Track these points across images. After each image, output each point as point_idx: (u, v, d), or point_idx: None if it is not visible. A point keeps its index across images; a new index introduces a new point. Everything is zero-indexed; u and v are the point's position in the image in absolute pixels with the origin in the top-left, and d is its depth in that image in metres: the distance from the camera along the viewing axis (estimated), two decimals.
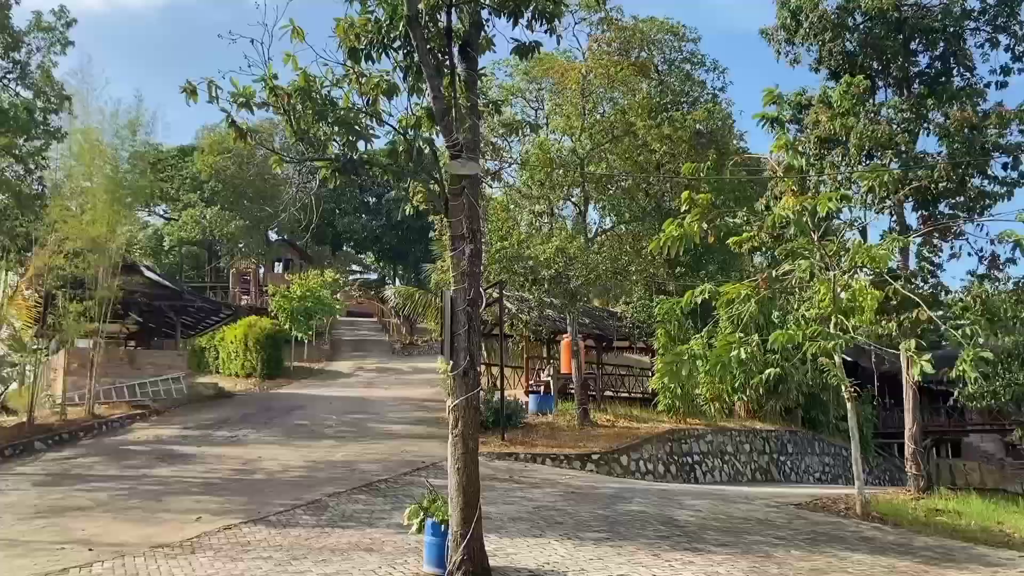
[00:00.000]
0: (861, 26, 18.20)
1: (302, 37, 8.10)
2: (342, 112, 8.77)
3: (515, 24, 8.49)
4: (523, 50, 9.21)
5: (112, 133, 25.43)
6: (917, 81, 18.34)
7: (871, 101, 18.16)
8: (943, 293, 18.92)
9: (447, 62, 8.71)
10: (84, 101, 24.44)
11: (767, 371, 14.66)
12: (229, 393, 30.92)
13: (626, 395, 30.26)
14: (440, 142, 8.86)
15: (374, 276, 71.28)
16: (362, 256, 71.94)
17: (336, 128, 8.87)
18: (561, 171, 22.84)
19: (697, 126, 25.39)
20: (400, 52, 8.67)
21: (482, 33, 9.38)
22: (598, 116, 24.93)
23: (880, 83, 18.78)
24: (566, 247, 21.41)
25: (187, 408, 26.82)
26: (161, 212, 63.57)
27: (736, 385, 25.64)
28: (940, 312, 17.17)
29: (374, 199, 59.54)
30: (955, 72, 18.38)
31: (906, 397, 18.25)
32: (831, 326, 13.94)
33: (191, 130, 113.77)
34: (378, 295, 56.77)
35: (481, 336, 9.65)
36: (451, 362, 8.99)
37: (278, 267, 61.73)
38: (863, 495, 14.37)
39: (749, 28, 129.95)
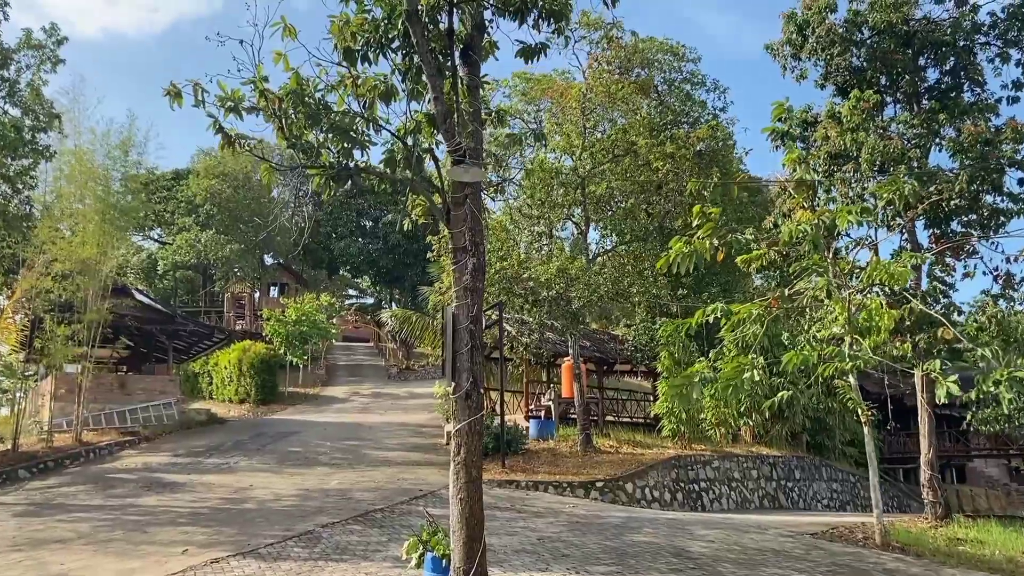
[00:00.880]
0: (869, 41, 17.80)
1: (294, 35, 7.59)
2: (337, 117, 8.25)
3: (521, 23, 7.98)
4: (529, 52, 8.71)
5: (104, 153, 24.97)
6: (927, 96, 17.93)
7: (879, 117, 17.72)
8: (955, 313, 18.40)
9: (448, 64, 8.19)
10: (75, 120, 24.02)
11: (780, 394, 14.11)
12: (222, 419, 30.31)
13: (628, 420, 29.63)
14: (440, 151, 8.31)
15: (370, 300, 70.69)
16: (358, 280, 71.35)
17: (331, 135, 8.34)
18: (562, 190, 22.38)
19: (699, 146, 24.94)
20: (399, 53, 8.15)
21: (485, 36, 8.90)
22: (599, 135, 24.51)
23: (888, 99, 18.37)
24: (567, 268, 20.86)
25: (178, 435, 26.21)
26: (156, 237, 63.08)
27: (742, 409, 25.21)
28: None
29: (370, 222, 59.06)
30: (965, 87, 17.98)
31: (921, 421, 17.65)
32: (846, 347, 13.42)
33: (187, 154, 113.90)
34: (374, 319, 56.19)
35: (484, 357, 9.06)
36: (452, 384, 8.41)
37: (273, 291, 61.13)
38: (882, 524, 13.73)
39: (746, 54, 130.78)
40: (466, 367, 8.22)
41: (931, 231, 18.08)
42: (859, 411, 13.95)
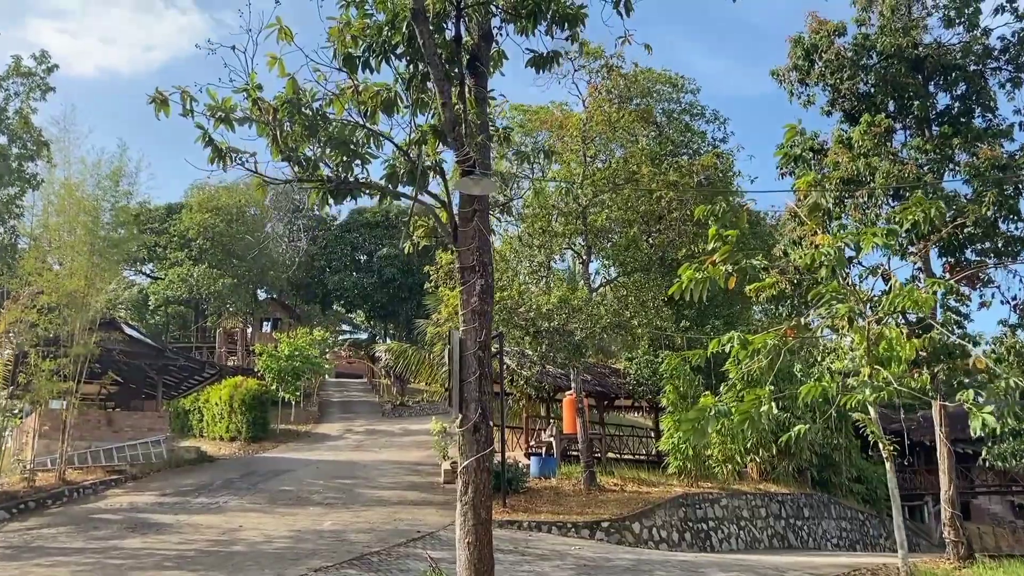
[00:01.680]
0: (877, 66, 17.43)
1: (290, 38, 7.05)
2: (335, 129, 7.68)
3: (534, 26, 7.45)
4: (541, 61, 8.18)
5: (94, 183, 24.40)
6: (937, 121, 17.54)
7: (890, 143, 17.30)
8: (971, 344, 17.83)
9: (456, 72, 7.65)
10: (65, 150, 23.51)
11: (797, 428, 13.45)
12: (212, 457, 29.46)
13: (630, 457, 28.84)
14: (447, 167, 7.74)
15: (364, 335, 69.94)
16: (352, 315, 70.64)
17: (329, 149, 7.77)
18: (562, 219, 21.88)
19: (701, 176, 24.53)
20: (403, 60, 7.60)
21: (493, 46, 8.38)
22: (599, 165, 24.10)
23: (897, 125, 17.96)
24: (568, 298, 20.27)
25: (166, 473, 25.35)
26: (148, 272, 62.39)
27: (748, 445, 24.49)
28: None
29: (365, 256, 58.50)
30: (977, 113, 17.59)
31: (941, 457, 16.96)
32: (864, 377, 12.83)
33: (180, 189, 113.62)
34: (368, 354, 55.42)
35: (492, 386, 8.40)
36: (459, 416, 7.75)
37: (266, 327, 60.34)
38: (908, 565, 13.00)
39: (743, 94, 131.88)
40: (474, 397, 7.58)
41: (945, 260, 17.58)
42: (880, 446, 13.31)
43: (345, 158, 7.65)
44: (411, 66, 7.62)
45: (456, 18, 7.51)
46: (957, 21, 17.17)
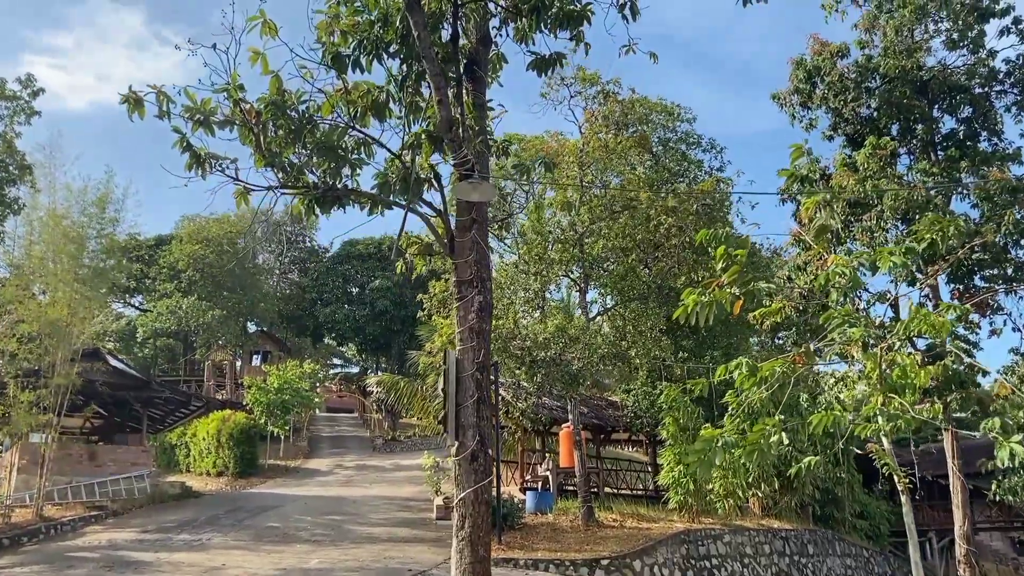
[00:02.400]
0: (881, 88, 17.09)
1: (275, 32, 6.54)
2: (323, 135, 7.15)
3: (537, 23, 6.96)
4: (542, 63, 7.69)
5: (79, 210, 23.82)
6: (943, 145, 17.17)
7: (894, 166, 16.92)
8: (980, 375, 17.29)
9: (453, 71, 7.14)
10: (50, 176, 22.98)
11: (807, 460, 12.83)
12: (197, 492, 28.64)
13: (627, 492, 28.07)
14: (440, 164, 7.20)
15: (355, 369, 69.07)
16: (343, 348, 69.81)
17: (316, 156, 7.23)
18: (558, 246, 21.39)
19: (701, 203, 24.07)
20: (396, 59, 7.09)
21: (492, 50, 7.90)
22: (596, 191, 23.68)
23: (902, 148, 17.59)
24: (565, 327, 19.69)
25: (149, 509, 24.52)
26: (136, 304, 61.60)
27: (750, 479, 23.76)
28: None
29: (357, 289, 57.88)
30: (983, 136, 17.23)
31: (954, 491, 16.34)
32: (877, 407, 12.27)
33: (170, 221, 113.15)
34: (360, 387, 54.64)
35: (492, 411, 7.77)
36: (455, 443, 7.14)
37: (256, 360, 59.50)
38: None
39: (734, 132, 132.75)
40: (471, 423, 6.98)
41: (953, 287, 17.10)
42: (895, 479, 12.72)
43: (333, 164, 7.10)
44: (404, 66, 7.11)
45: (453, 16, 7.02)
46: (961, 43, 16.88)
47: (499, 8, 7.50)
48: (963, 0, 16.86)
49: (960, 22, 16.74)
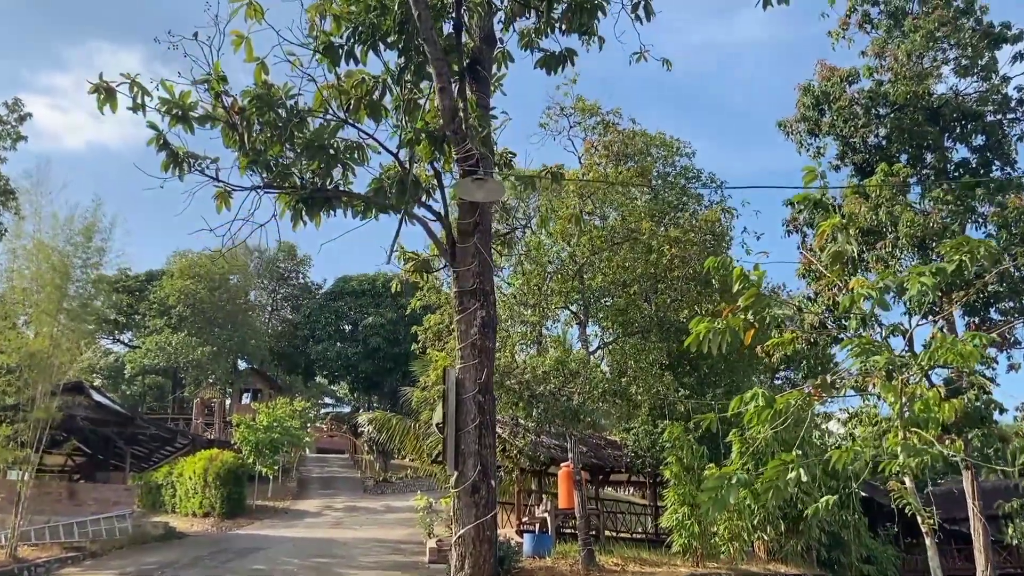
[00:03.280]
0: (892, 115, 16.65)
1: (260, 16, 5.95)
2: (313, 133, 6.52)
3: (549, 10, 6.40)
4: (552, 61, 7.12)
5: (65, 239, 23.19)
6: (956, 172, 16.69)
7: (905, 194, 16.41)
8: (998, 411, 16.61)
9: (456, 65, 6.55)
10: (36, 203, 22.40)
11: (825, 499, 12.10)
12: (181, 533, 27.61)
13: (627, 535, 27.10)
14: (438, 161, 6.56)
15: (347, 408, 67.98)
16: (335, 387, 68.78)
17: (304, 156, 6.60)
18: (558, 276, 20.78)
19: (704, 235, 23.54)
20: (394, 50, 6.50)
21: (497, 49, 7.34)
22: (596, 222, 23.15)
23: (912, 177, 17.11)
24: (566, 360, 18.98)
25: (130, 550, 23.54)
26: (125, 340, 60.69)
27: (756, 522, 22.88)
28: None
29: (350, 326, 57.11)
30: (996, 166, 16.78)
31: (975, 533, 15.55)
32: (898, 441, 11.60)
33: (162, 256, 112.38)
34: (351, 426, 53.60)
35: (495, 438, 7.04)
36: (454, 473, 6.42)
37: (246, 398, 58.47)
38: None
39: (732, 178, 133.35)
40: (472, 450, 6.28)
41: (968, 320, 16.49)
42: (918, 518, 12.00)
43: (323, 164, 6.47)
44: (403, 58, 6.51)
45: (456, 4, 6.45)
46: (972, 71, 16.50)
47: (505, 2, 6.95)
48: (974, 26, 16.56)
49: (970, 49, 16.38)
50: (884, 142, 17.02)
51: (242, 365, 59.66)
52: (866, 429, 13.04)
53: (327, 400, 72.06)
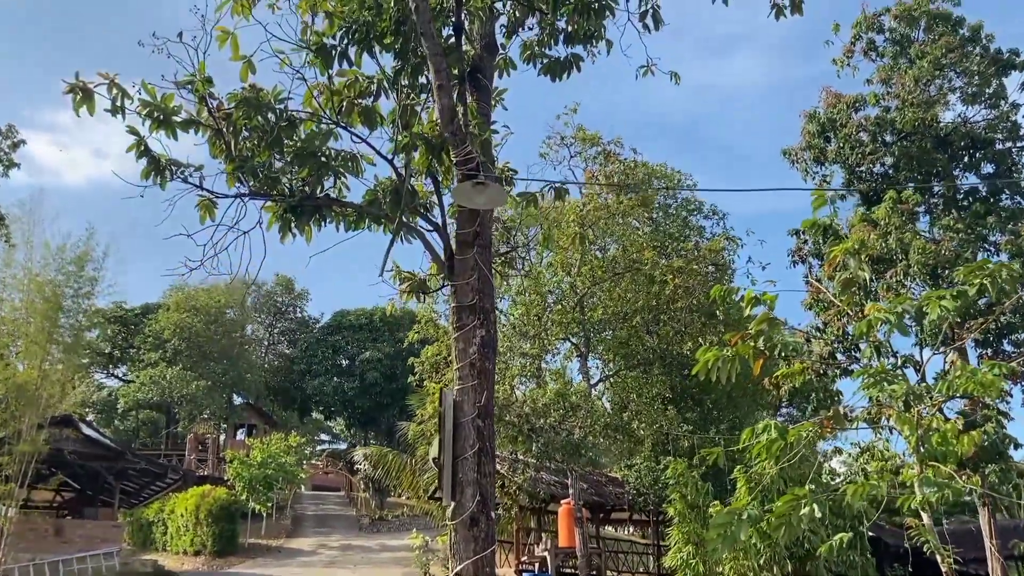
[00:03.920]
0: (899, 142, 16.36)
1: (248, 11, 5.59)
2: (303, 141, 6.14)
3: (555, 11, 6.05)
4: (556, 67, 6.77)
5: (56, 268, 22.84)
6: (965, 200, 16.37)
7: (915, 221, 16.08)
8: (1012, 447, 16.09)
9: (455, 67, 6.19)
10: (27, 232, 22.08)
11: (839, 536, 11.56)
12: (170, 572, 27.05)
13: (629, 575, 26.40)
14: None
15: (343, 445, 67.08)
16: (331, 423, 67.94)
17: (295, 164, 6.22)
18: (558, 307, 20.37)
19: (708, 264, 23.14)
20: (390, 52, 6.14)
21: (499, 55, 7.00)
22: (596, 253, 22.78)
23: (920, 205, 16.78)
24: (566, 393, 18.48)
25: None
26: (120, 375, 60.00)
27: (762, 561, 22.21)
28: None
29: (347, 361, 56.52)
30: (1005, 194, 16.47)
31: (992, 573, 14.94)
32: (915, 476, 11.09)
33: (159, 291, 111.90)
34: (347, 463, 52.76)
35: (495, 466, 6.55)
36: (451, 504, 5.93)
37: (241, 434, 57.62)
38: None
39: (731, 217, 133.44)
40: (471, 479, 5.79)
41: (980, 351, 16.06)
42: (938, 557, 11.41)
43: (314, 173, 6.07)
44: (399, 60, 6.15)
45: (457, 3, 6.10)
46: (979, 99, 16.26)
47: (507, 5, 6.61)
48: (981, 53, 16.36)
49: (977, 76, 16.16)
50: (891, 170, 16.71)
51: (237, 400, 58.94)
52: (879, 464, 12.51)
53: (323, 436, 71.21)
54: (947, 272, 13.96)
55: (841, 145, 16.29)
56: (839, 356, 15.82)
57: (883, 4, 18.63)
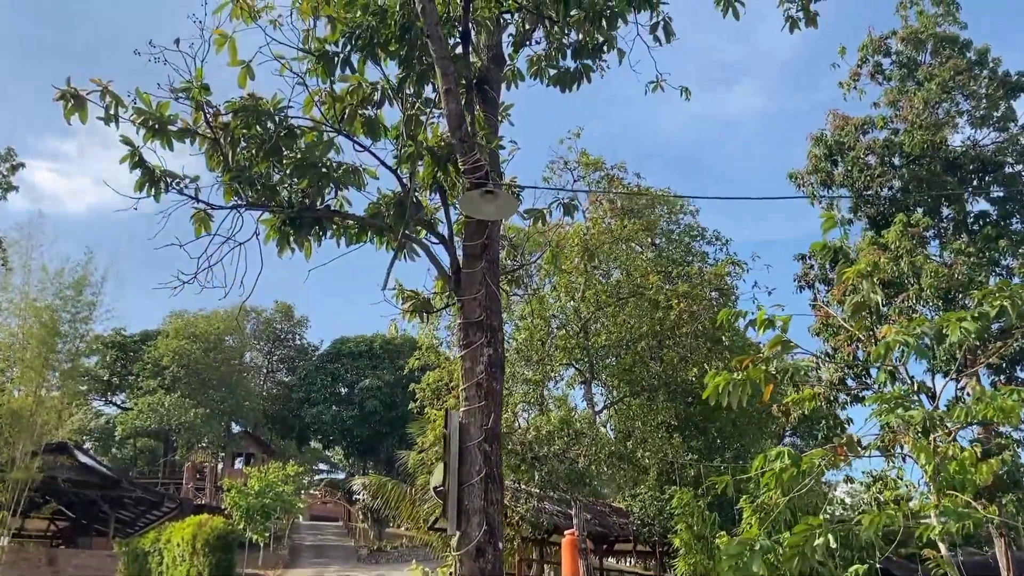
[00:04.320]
0: (908, 165, 16.17)
1: (248, 15, 5.37)
2: (303, 152, 5.90)
3: (566, 14, 5.85)
4: (566, 78, 6.55)
5: (54, 292, 22.56)
6: (975, 226, 16.15)
7: (925, 245, 15.85)
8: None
9: (462, 75, 5.96)
10: (25, 256, 21.82)
11: (854, 568, 11.19)
12: None
13: None
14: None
15: (342, 475, 66.39)
16: (329, 453, 67.28)
17: (294, 175, 5.97)
18: (562, 332, 20.07)
19: (713, 289, 22.88)
20: (395, 58, 5.92)
21: (504, 69, 6.79)
22: (600, 278, 22.51)
23: (929, 230, 16.55)
24: (570, 420, 18.13)
25: None
26: (118, 403, 59.51)
27: None
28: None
29: (346, 388, 56.02)
30: (1016, 217, 16.25)
31: None
32: (934, 505, 10.75)
33: (158, 317, 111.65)
34: (345, 495, 52.17)
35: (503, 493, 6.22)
36: (456, 534, 5.61)
37: (239, 462, 57.01)
38: None
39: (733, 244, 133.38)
40: (477, 507, 5.48)
41: (993, 378, 15.75)
42: None
43: (314, 184, 5.82)
44: (404, 67, 5.93)
45: (464, 9, 5.88)
46: (989, 121, 16.10)
47: (515, 16, 6.40)
48: (989, 76, 16.24)
49: (985, 99, 16.02)
50: (900, 193, 16.51)
51: (235, 428, 58.42)
52: (891, 493, 12.15)
53: (321, 466, 70.50)
54: (960, 296, 13.70)
55: (849, 168, 16.10)
56: (849, 382, 15.52)
57: (889, 27, 18.61)
